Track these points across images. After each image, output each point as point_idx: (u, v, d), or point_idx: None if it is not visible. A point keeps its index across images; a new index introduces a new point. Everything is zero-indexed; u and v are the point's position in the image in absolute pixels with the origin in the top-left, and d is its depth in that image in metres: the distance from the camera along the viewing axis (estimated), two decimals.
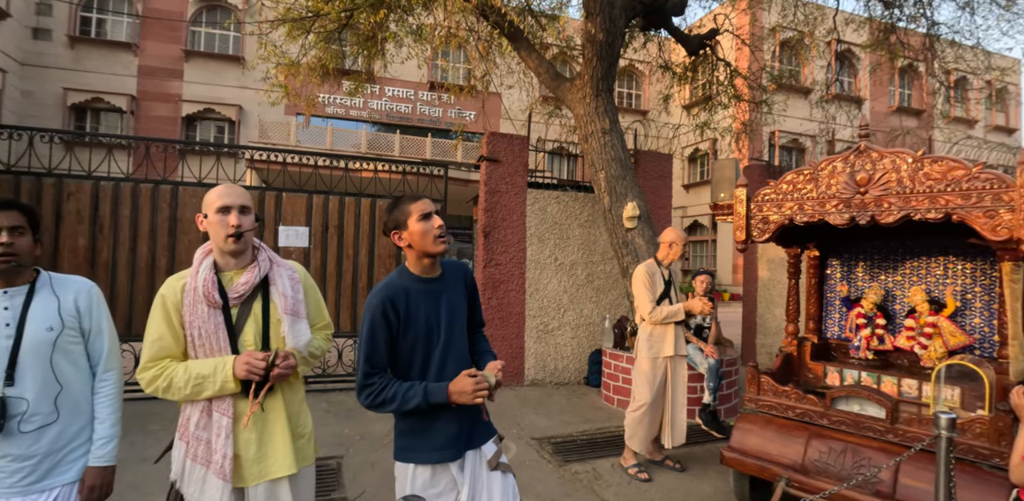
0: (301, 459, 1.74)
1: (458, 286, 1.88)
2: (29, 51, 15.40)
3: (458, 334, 1.82)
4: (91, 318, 1.69)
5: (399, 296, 1.73)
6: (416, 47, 6.76)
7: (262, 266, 1.74)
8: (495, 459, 1.83)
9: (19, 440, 1.54)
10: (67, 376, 1.62)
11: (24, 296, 1.60)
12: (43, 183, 4.88)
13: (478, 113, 17.82)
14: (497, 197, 5.80)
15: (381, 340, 1.70)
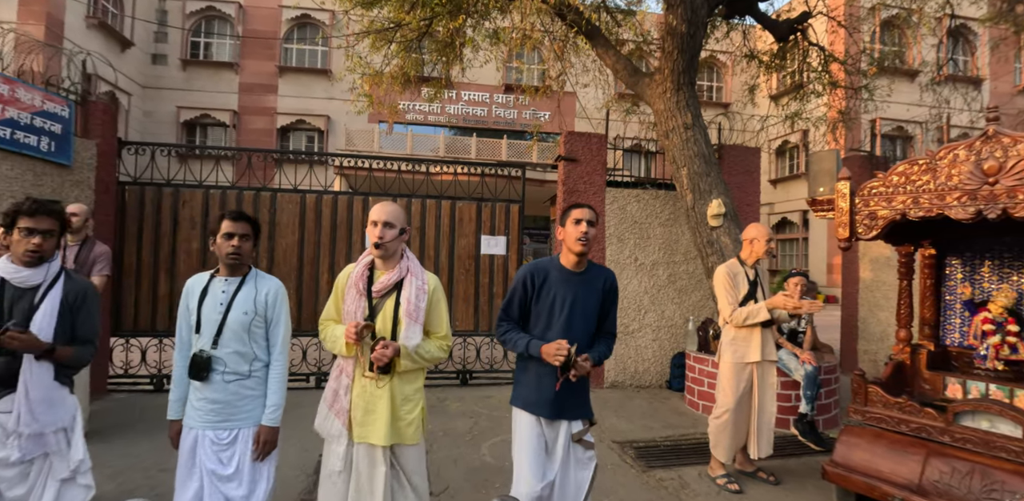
0: (397, 437, 2.10)
1: (595, 286, 2.28)
2: (149, 75, 17.20)
3: (576, 320, 2.22)
4: (274, 310, 2.16)
5: (540, 273, 2.26)
6: (493, 50, 6.84)
7: (400, 272, 2.14)
8: (579, 434, 2.22)
9: (215, 388, 2.06)
10: (254, 349, 2.12)
11: (237, 285, 2.12)
12: (163, 192, 5.42)
13: (553, 113, 17.79)
14: (576, 196, 5.74)
15: (516, 300, 2.28)
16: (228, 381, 2.06)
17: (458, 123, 18.56)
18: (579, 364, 2.08)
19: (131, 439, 3.94)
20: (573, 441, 2.22)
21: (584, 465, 2.25)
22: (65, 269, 2.17)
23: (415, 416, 2.15)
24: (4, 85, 4.19)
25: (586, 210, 2.22)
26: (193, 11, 17.34)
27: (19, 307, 1.99)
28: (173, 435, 2.16)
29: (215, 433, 2.07)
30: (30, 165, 4.42)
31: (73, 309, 2.10)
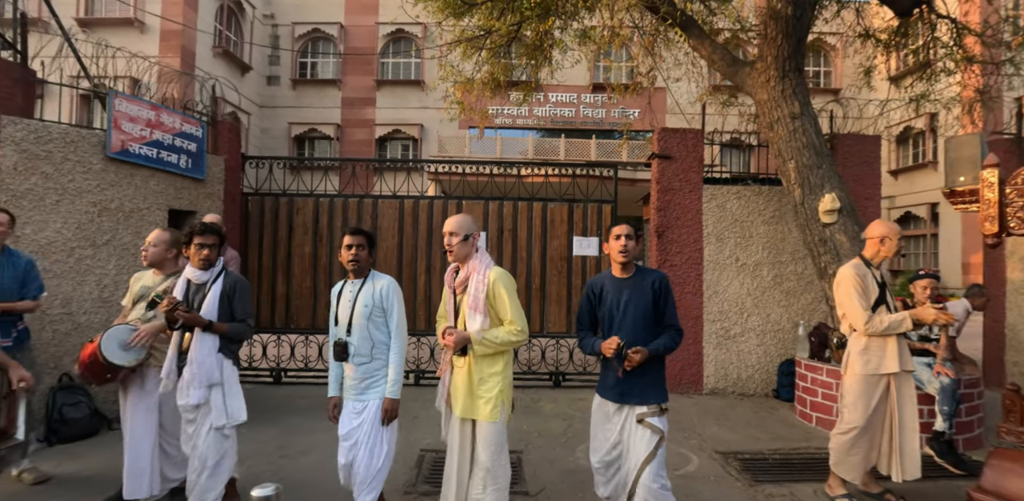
0: (472, 412, 2.47)
1: (645, 288, 2.56)
2: (265, 95, 18.91)
3: (632, 319, 2.53)
4: (388, 301, 2.65)
5: (597, 285, 2.68)
6: (582, 50, 6.79)
7: (468, 270, 2.53)
8: (642, 415, 2.46)
9: (353, 367, 2.62)
10: (375, 336, 2.62)
11: (360, 285, 2.67)
12: (279, 201, 5.93)
13: (643, 110, 17.31)
14: (670, 195, 5.55)
15: (584, 310, 2.70)
16: (358, 363, 2.61)
17: (546, 125, 18.62)
18: (629, 355, 2.39)
19: (256, 427, 4.32)
20: (637, 421, 2.47)
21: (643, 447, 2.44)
22: (225, 268, 2.91)
23: (493, 395, 2.45)
24: (151, 111, 4.79)
25: (624, 226, 2.59)
26: (301, 34, 18.83)
27: (197, 297, 2.81)
28: (330, 408, 2.72)
29: (353, 404, 2.63)
30: (172, 180, 5.02)
31: (230, 297, 2.84)
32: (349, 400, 2.65)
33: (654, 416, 2.47)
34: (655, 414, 2.48)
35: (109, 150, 4.44)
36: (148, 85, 5.53)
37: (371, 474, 2.55)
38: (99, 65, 4.99)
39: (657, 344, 2.50)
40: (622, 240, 2.55)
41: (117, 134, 4.49)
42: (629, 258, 2.57)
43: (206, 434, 2.73)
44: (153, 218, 4.81)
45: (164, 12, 14.82)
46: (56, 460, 3.63)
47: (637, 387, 2.50)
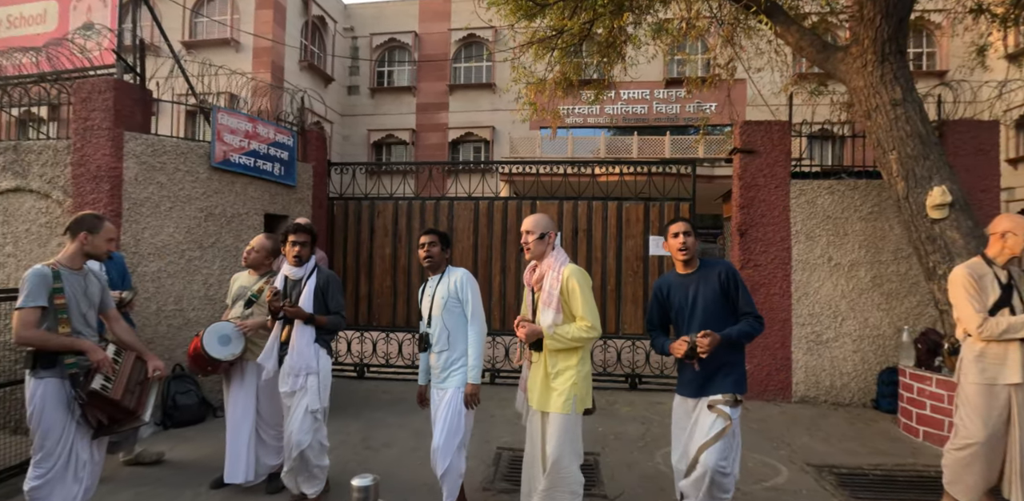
0: (545, 405, 2.50)
1: (711, 280, 2.56)
2: (346, 104, 19.90)
3: (702, 312, 2.54)
4: (463, 292, 2.82)
5: (663, 285, 2.72)
6: (656, 44, 6.60)
7: (543, 267, 2.59)
8: (715, 402, 2.47)
9: (434, 356, 2.84)
10: (452, 325, 2.80)
11: (438, 279, 2.88)
12: (361, 205, 6.21)
13: (720, 104, 16.61)
14: (754, 191, 5.27)
15: (654, 311, 2.75)
16: (438, 351, 2.82)
17: (618, 123, 18.30)
18: (698, 340, 2.38)
19: (342, 419, 4.55)
20: (707, 407, 2.48)
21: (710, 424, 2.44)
22: (318, 265, 3.14)
23: (566, 388, 2.47)
24: (249, 123, 5.17)
25: (680, 224, 2.61)
26: (378, 44, 19.65)
27: (294, 292, 3.06)
28: (418, 395, 3.02)
29: (435, 391, 2.85)
30: (267, 187, 5.39)
31: (323, 291, 3.06)
32: (434, 388, 2.85)
33: (726, 404, 2.45)
34: (728, 403, 2.46)
35: (213, 160, 4.84)
36: (244, 99, 5.97)
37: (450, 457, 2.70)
38: (204, 83, 5.46)
39: (730, 330, 2.48)
40: (680, 237, 2.57)
41: (220, 145, 4.89)
42: (690, 255, 2.57)
43: (301, 416, 2.94)
44: (251, 222, 5.19)
45: (256, 31, 15.97)
46: (170, 443, 4.00)
47: (715, 378, 2.51)
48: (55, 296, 2.47)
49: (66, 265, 2.58)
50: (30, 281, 2.45)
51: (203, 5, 16.78)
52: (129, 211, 4.36)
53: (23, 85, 5.02)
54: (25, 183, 4.51)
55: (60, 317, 2.48)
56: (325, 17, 18.58)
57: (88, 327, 2.64)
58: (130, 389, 2.59)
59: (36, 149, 4.52)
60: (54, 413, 2.49)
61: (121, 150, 4.37)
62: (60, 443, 2.51)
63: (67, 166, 4.42)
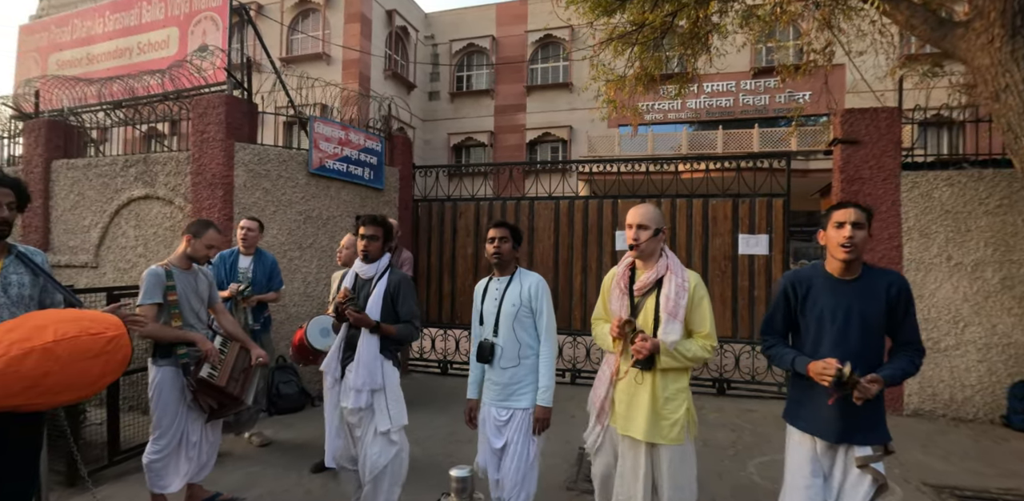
0: (658, 436, 2.11)
1: (875, 294, 1.98)
2: (427, 109, 20.59)
3: (852, 334, 1.96)
4: (537, 302, 2.42)
5: (802, 282, 2.10)
6: (747, 33, 6.27)
7: (658, 270, 2.18)
8: (866, 459, 1.91)
9: (496, 371, 2.42)
10: (523, 338, 2.41)
11: (507, 283, 2.47)
12: (444, 206, 6.40)
13: (816, 92, 15.50)
14: (858, 185, 4.87)
15: (779, 313, 2.16)
16: (504, 367, 2.41)
17: (700, 117, 17.58)
18: (863, 387, 1.80)
19: (430, 412, 4.71)
20: (857, 467, 1.93)
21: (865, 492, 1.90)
22: (391, 265, 2.81)
23: (679, 416, 2.13)
24: (342, 131, 5.48)
25: (851, 211, 1.97)
26: (457, 50, 20.16)
27: (363, 292, 2.72)
28: (467, 411, 2.60)
29: (496, 411, 2.44)
30: (358, 191, 5.69)
31: (393, 296, 2.70)
32: (491, 406, 2.44)
33: (878, 460, 1.93)
34: (879, 458, 1.94)
35: (311, 167, 5.18)
36: (336, 108, 6.34)
37: (518, 482, 2.36)
38: (302, 95, 5.86)
39: (894, 370, 1.92)
40: (846, 229, 1.94)
41: (316, 152, 5.23)
42: (856, 254, 1.95)
43: (372, 439, 2.63)
44: (344, 224, 5.50)
45: (345, 43, 16.92)
46: (275, 428, 4.33)
47: (863, 421, 1.94)
48: (168, 293, 2.76)
49: (176, 265, 2.87)
50: (147, 281, 2.75)
51: (298, 22, 18.01)
52: (239, 215, 4.76)
53: (151, 104, 5.64)
54: (153, 191, 5.06)
55: (173, 312, 2.78)
56: (408, 27, 19.33)
57: (199, 321, 2.93)
58: (234, 377, 2.85)
59: (162, 161, 5.06)
60: (169, 397, 2.80)
61: (232, 159, 4.79)
62: (174, 424, 2.82)
63: (187, 175, 4.91)
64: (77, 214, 5.38)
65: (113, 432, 3.49)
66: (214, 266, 3.99)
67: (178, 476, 2.84)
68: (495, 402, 2.43)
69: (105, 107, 5.88)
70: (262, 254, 4.10)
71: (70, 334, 1.64)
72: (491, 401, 2.45)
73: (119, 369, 1.80)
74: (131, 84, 5.72)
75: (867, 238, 1.95)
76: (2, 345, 1.55)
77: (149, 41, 5.98)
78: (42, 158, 5.56)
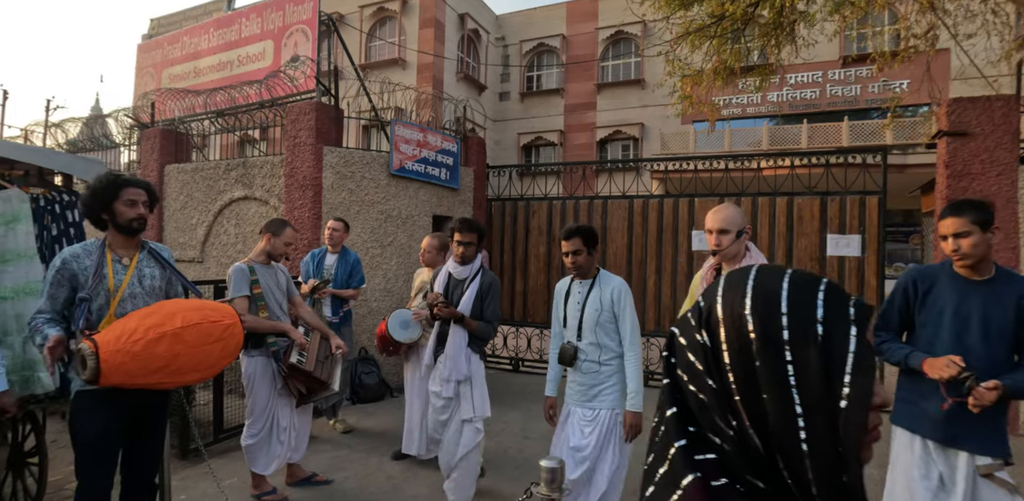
0: None
1: (1006, 300, 1.85)
2: (497, 110, 20.86)
3: (972, 338, 1.85)
4: (619, 305, 2.39)
5: (925, 278, 2.00)
6: (838, 19, 5.90)
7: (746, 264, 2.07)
8: (988, 468, 1.80)
9: (580, 373, 2.43)
10: (605, 342, 2.40)
11: (589, 286, 2.46)
12: (517, 205, 6.48)
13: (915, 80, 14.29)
14: (967, 181, 4.46)
15: (896, 307, 2.06)
16: (587, 370, 2.43)
17: (782, 111, 16.68)
18: (979, 392, 1.72)
19: (502, 409, 4.79)
20: (980, 475, 1.82)
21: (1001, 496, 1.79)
22: (483, 266, 2.97)
23: None
24: (420, 133, 5.69)
25: (949, 221, 1.87)
26: (527, 50, 20.28)
27: (456, 292, 2.92)
28: (546, 408, 2.60)
29: (581, 411, 2.44)
30: (435, 191, 5.88)
31: (483, 296, 2.90)
32: (575, 406, 2.45)
33: (1002, 470, 1.82)
34: (1001, 467, 1.82)
35: (391, 168, 5.42)
36: (412, 111, 6.58)
37: (602, 490, 2.32)
38: (384, 100, 6.13)
39: (1017, 382, 1.78)
40: (950, 242, 1.88)
41: (396, 155, 5.46)
42: (971, 262, 1.87)
43: (457, 427, 2.83)
44: (422, 223, 5.71)
45: (420, 48, 17.47)
46: (357, 416, 4.57)
47: (977, 428, 1.82)
48: (253, 287, 2.99)
49: (257, 261, 3.09)
50: (234, 276, 2.98)
51: (376, 29, 18.79)
52: (327, 214, 5.06)
53: (249, 112, 6.11)
54: (251, 192, 5.48)
55: (260, 304, 3.00)
56: (479, 30, 19.67)
57: (282, 312, 3.15)
58: (320, 362, 3.04)
59: (258, 164, 5.47)
60: (261, 385, 3.05)
61: (321, 162, 5.10)
62: (266, 410, 3.06)
63: (280, 177, 5.28)
64: (186, 213, 5.93)
65: (218, 412, 3.84)
66: (304, 263, 4.28)
67: (272, 458, 3.08)
68: (579, 403, 2.43)
69: (209, 116, 6.44)
70: (347, 252, 4.34)
71: (195, 321, 1.83)
72: (575, 402, 2.45)
73: (234, 353, 1.99)
74: (232, 94, 6.22)
75: (983, 242, 1.83)
76: (141, 329, 1.76)
77: (247, 54, 6.48)
78: (157, 163, 6.16)
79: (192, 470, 3.41)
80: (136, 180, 2.14)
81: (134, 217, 2.06)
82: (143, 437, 2.12)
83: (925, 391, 1.91)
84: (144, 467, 2.17)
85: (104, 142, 8.06)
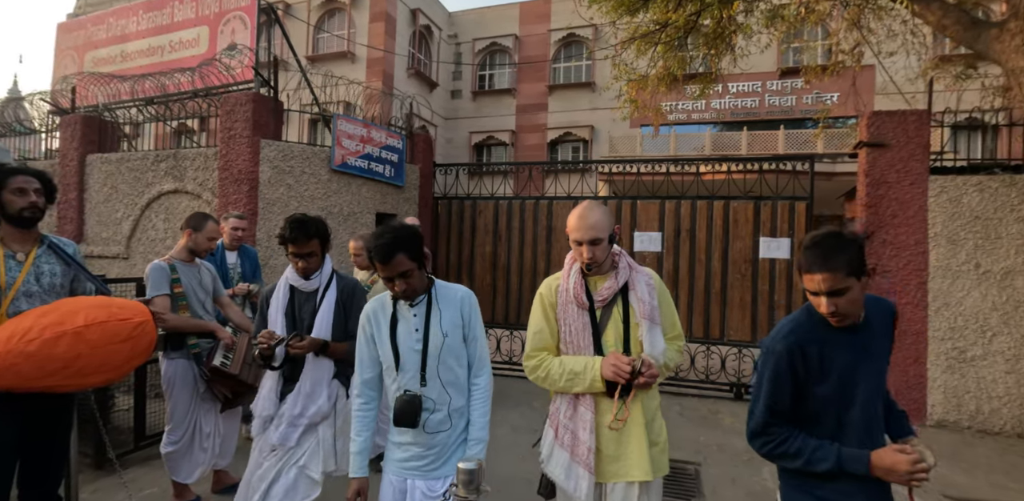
0: (657, 469, 1.77)
1: (883, 333, 1.55)
2: (449, 108, 20.71)
3: (873, 403, 1.51)
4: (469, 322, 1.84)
5: (810, 347, 1.49)
6: (773, 32, 6.19)
7: (622, 273, 1.83)
8: None
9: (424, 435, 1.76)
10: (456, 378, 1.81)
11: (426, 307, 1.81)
12: (464, 204, 6.44)
13: (843, 93, 15.20)
14: (884, 189, 4.78)
15: (785, 391, 1.50)
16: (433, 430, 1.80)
17: (725, 118, 17.37)
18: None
19: None
20: None
21: None
22: (335, 271, 2.40)
23: (664, 438, 1.84)
24: (364, 128, 5.56)
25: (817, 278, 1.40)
26: (480, 49, 20.23)
27: (307, 307, 2.30)
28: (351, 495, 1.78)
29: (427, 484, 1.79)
30: (379, 188, 5.76)
31: (345, 306, 2.31)
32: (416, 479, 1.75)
33: None
34: None
35: (333, 163, 5.27)
36: (359, 106, 6.43)
37: None
38: (326, 93, 5.95)
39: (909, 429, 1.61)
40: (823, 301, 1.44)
41: (339, 149, 5.31)
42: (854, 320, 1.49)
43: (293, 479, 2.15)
44: (365, 220, 5.58)
45: (370, 42, 17.10)
46: None
47: None
48: (174, 286, 2.84)
49: (179, 259, 2.95)
50: (152, 274, 2.83)
51: (324, 21, 18.25)
52: (264, 210, 4.87)
53: (181, 101, 5.79)
54: (182, 185, 5.20)
55: (180, 303, 2.86)
56: (431, 26, 19.46)
57: (206, 312, 3.00)
58: (247, 364, 2.91)
59: (191, 156, 5.20)
60: (182, 389, 2.89)
61: (258, 156, 4.89)
62: (187, 416, 2.91)
63: (214, 170, 5.03)
64: (110, 206, 5.56)
65: (139, 418, 3.61)
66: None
67: (195, 466, 2.93)
68: (422, 474, 1.76)
69: (138, 103, 6.06)
70: (246, 249, 4.19)
71: (100, 319, 1.71)
72: (414, 472, 1.77)
73: (145, 353, 1.87)
74: (162, 81, 5.88)
75: (862, 292, 1.44)
76: (36, 328, 1.63)
77: (180, 39, 6.14)
78: (77, 152, 5.75)
79: (108, 480, 3.20)
80: (25, 168, 1.99)
81: (24, 206, 1.92)
82: (43, 446, 1.96)
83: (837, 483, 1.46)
84: (47, 480, 2.01)
85: (19, 128, 7.46)
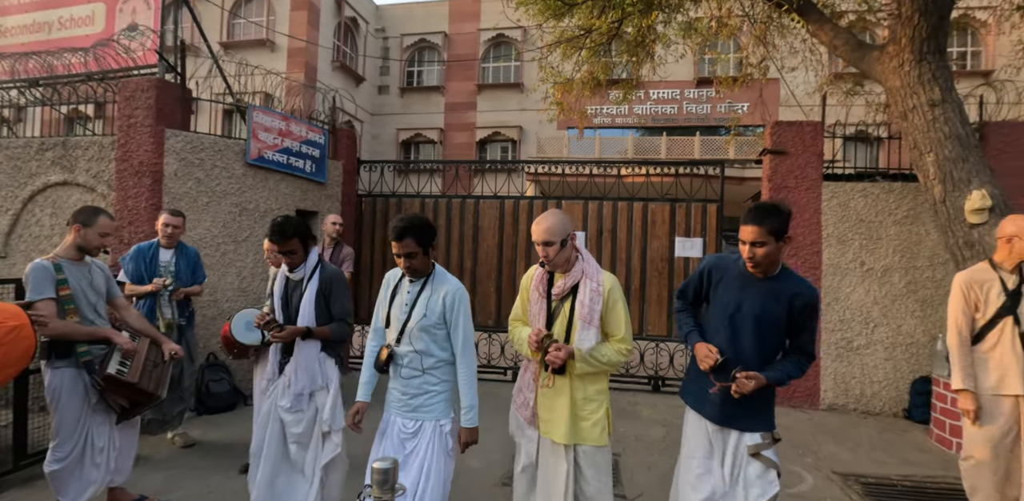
0: (578, 438, 2.15)
1: (779, 299, 2.04)
2: (376, 104, 20.20)
3: (745, 331, 2.05)
4: (452, 313, 2.17)
5: (719, 268, 2.18)
6: (687, 44, 6.54)
7: (573, 275, 2.17)
8: (756, 448, 2.02)
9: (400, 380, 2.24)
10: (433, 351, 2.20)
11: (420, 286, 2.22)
12: (389, 202, 6.32)
13: (752, 104, 16.32)
14: (784, 194, 5.18)
15: (691, 288, 2.28)
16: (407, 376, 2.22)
17: (646, 123, 18.14)
18: (740, 382, 1.94)
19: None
20: (749, 454, 2.03)
21: (759, 487, 1.99)
22: (321, 260, 2.72)
23: (599, 417, 2.16)
24: (282, 121, 5.31)
25: (755, 229, 1.97)
26: (408, 45, 19.89)
27: (296, 294, 2.65)
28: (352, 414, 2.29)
29: (402, 421, 2.20)
30: (299, 184, 5.53)
31: (327, 295, 2.65)
32: (396, 416, 2.21)
33: (768, 448, 2.03)
34: (769, 446, 2.03)
35: (248, 157, 4.99)
36: (279, 98, 6.13)
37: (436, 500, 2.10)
38: (240, 82, 5.63)
39: (779, 373, 2.01)
40: (746, 249, 2.01)
41: (255, 143, 5.04)
42: (761, 268, 2.03)
43: (316, 441, 2.61)
44: None
45: (291, 32, 16.34)
46: (202, 428, 4.15)
47: (746, 410, 2.04)
48: (60, 288, 2.52)
49: (66, 257, 2.63)
50: (32, 275, 2.48)
51: (240, 6, 17.24)
52: (169, 204, 4.53)
53: (72, 84, 5.26)
54: (72, 177, 4.73)
55: (68, 307, 2.55)
56: (357, 18, 18.89)
57: (98, 316, 2.71)
58: (147, 371, 2.68)
59: (83, 145, 4.74)
60: (70, 402, 2.59)
61: (162, 146, 4.54)
62: (76, 431, 2.61)
63: (111, 161, 4.62)
64: None
65: (20, 435, 3.25)
66: (131, 260, 3.75)
67: (85, 484, 2.65)
68: (401, 412, 2.19)
69: (19, 84, 5.45)
70: (184, 247, 3.92)
71: None
72: (396, 411, 2.22)
73: (21, 361, 1.69)
74: (50, 61, 5.32)
75: (776, 251, 1.98)
76: None
77: (71, 16, 5.58)
78: None
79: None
80: None
81: None
82: None
83: (699, 372, 2.13)
84: None
85: None
